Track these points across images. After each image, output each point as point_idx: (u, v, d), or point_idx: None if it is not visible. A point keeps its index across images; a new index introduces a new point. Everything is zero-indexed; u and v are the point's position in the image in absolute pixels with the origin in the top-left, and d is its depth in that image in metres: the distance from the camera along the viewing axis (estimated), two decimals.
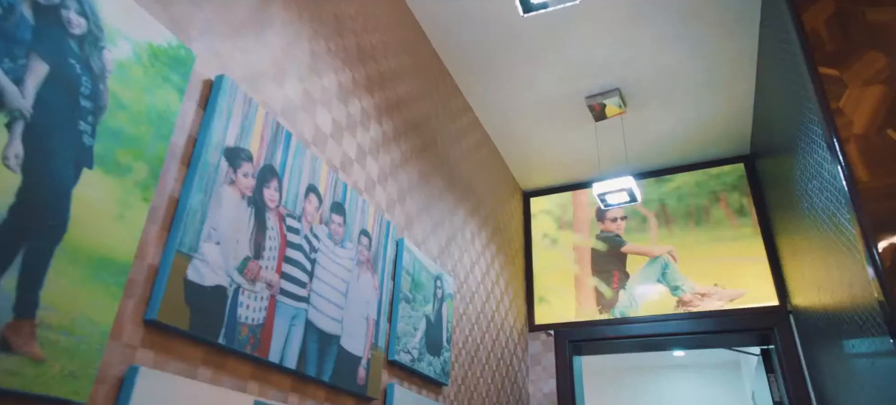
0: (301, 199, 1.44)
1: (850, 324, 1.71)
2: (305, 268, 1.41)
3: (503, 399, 2.74)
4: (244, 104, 1.28)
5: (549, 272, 3.37)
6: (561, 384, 3.06)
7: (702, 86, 2.71)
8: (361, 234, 1.70)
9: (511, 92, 2.82)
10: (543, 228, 3.52)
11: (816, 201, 1.82)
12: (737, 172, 3.12)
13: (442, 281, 2.20)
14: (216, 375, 1.12)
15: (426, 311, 2.02)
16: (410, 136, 2.22)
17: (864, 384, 1.67)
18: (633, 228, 3.25)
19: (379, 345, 1.68)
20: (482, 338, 2.59)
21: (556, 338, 3.18)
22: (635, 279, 3.11)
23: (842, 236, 1.59)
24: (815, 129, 1.66)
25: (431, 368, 1.99)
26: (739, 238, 2.96)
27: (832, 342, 2.01)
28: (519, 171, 3.49)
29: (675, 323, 2.91)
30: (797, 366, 2.58)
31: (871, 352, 1.50)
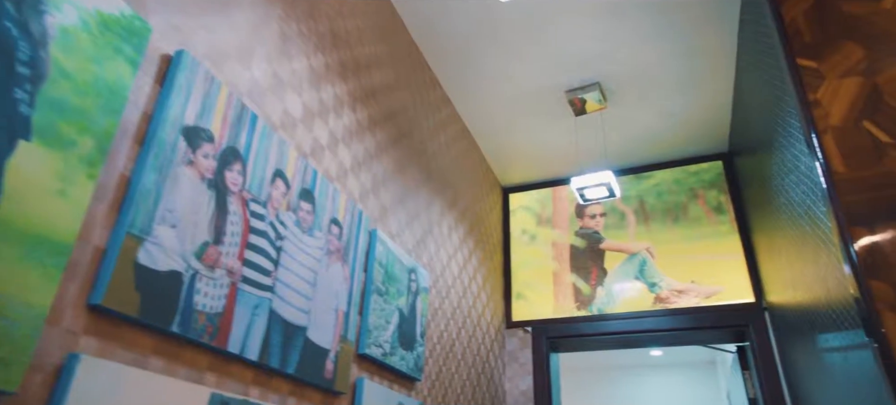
0: (267, 184, 1.39)
1: (824, 319, 1.70)
2: (270, 256, 1.35)
3: (479, 395, 2.70)
4: (206, 82, 1.22)
5: (527, 268, 3.34)
6: (538, 381, 3.03)
7: (682, 81, 2.70)
8: (332, 223, 1.64)
9: (491, 85, 2.78)
10: (522, 224, 3.49)
11: (793, 195, 1.81)
12: (715, 170, 3.13)
13: (417, 274, 2.15)
14: (169, 365, 1.06)
15: (399, 304, 1.97)
16: (386, 125, 2.16)
17: (836, 377, 1.66)
18: (611, 225, 3.24)
19: (349, 337, 1.63)
20: (458, 334, 2.55)
21: (534, 334, 3.15)
22: (613, 276, 3.10)
23: (818, 230, 1.58)
24: (793, 123, 1.65)
25: (404, 363, 1.94)
26: (717, 235, 2.96)
27: (806, 338, 2.01)
28: (498, 167, 3.46)
29: (652, 319, 2.90)
30: (771, 363, 2.59)
31: (845, 345, 1.49)
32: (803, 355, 2.10)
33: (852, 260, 1.30)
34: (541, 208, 3.48)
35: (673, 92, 2.77)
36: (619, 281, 3.07)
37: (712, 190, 3.08)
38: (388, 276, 1.93)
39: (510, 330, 3.24)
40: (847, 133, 1.41)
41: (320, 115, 1.71)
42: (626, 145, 3.18)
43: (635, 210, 3.22)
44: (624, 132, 3.08)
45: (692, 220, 3.05)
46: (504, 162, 3.40)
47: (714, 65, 2.58)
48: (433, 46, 2.56)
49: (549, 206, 3.47)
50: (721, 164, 3.13)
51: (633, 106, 2.87)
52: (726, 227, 2.96)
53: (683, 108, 2.88)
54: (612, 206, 3.29)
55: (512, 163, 3.40)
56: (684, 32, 2.41)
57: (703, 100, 2.81)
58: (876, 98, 1.41)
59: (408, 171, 2.29)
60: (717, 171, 3.12)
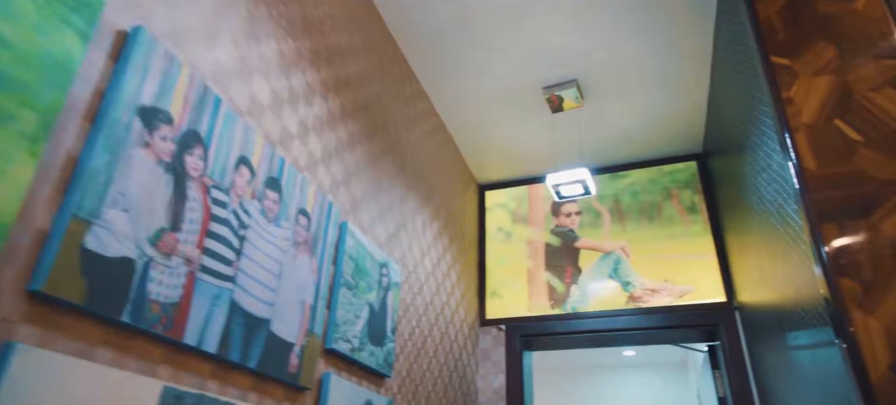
0: (230, 170, 1.33)
1: (793, 318, 1.71)
2: (232, 245, 1.30)
3: (451, 393, 2.67)
4: (165, 61, 1.16)
5: (502, 266, 3.32)
6: (510, 379, 3.02)
7: (659, 81, 2.71)
8: (300, 214, 1.59)
9: (468, 80, 2.75)
10: (498, 222, 3.47)
11: (765, 194, 1.82)
12: (689, 170, 3.15)
13: (388, 268, 2.11)
14: (119, 357, 1.00)
15: (369, 299, 1.93)
16: (359, 116, 2.12)
17: (804, 377, 1.67)
18: (586, 224, 3.24)
19: (315, 331, 1.58)
20: (430, 331, 2.52)
21: (507, 332, 3.13)
22: (588, 274, 3.10)
23: (788, 228, 1.58)
24: (766, 121, 1.66)
25: (373, 359, 1.89)
26: (690, 235, 2.98)
27: (775, 337, 2.02)
28: (475, 163, 3.43)
29: (625, 318, 2.91)
30: (741, 362, 2.61)
31: (813, 344, 1.50)
32: (772, 354, 2.12)
33: (822, 257, 1.30)
34: (516, 206, 3.47)
35: (650, 91, 2.77)
36: (593, 280, 3.07)
37: (686, 190, 3.10)
38: (359, 270, 1.89)
39: (484, 328, 3.22)
40: (818, 131, 1.41)
41: (290, 103, 1.66)
42: (602, 144, 3.18)
43: (611, 209, 3.22)
44: (601, 131, 3.08)
45: (666, 220, 3.07)
46: (480, 159, 3.37)
47: (690, 64, 2.59)
48: (410, 38, 2.52)
49: (524, 204, 3.45)
50: (695, 165, 3.15)
51: (610, 104, 2.87)
52: (699, 227, 2.98)
53: (660, 108, 2.89)
54: (587, 205, 3.29)
55: (488, 160, 3.38)
56: (662, 30, 2.41)
57: (679, 100, 2.82)
58: (847, 97, 1.42)
59: (381, 164, 2.25)
60: (691, 172, 3.14)
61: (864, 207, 1.31)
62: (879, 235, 1.27)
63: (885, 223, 1.28)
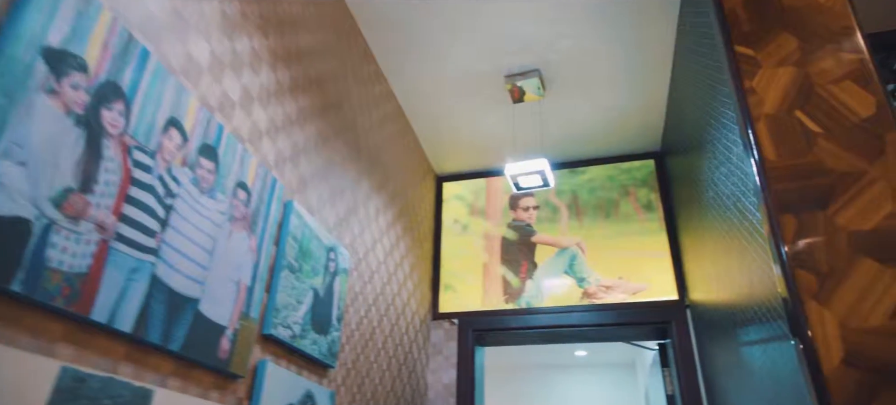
0: (157, 132, 1.20)
1: (746, 315, 1.70)
2: (156, 214, 1.17)
3: (399, 387, 2.57)
4: (80, 1, 1.03)
5: (457, 259, 3.25)
6: (462, 374, 2.95)
7: (621, 75, 2.69)
8: (238, 187, 1.47)
9: (429, 64, 2.66)
10: (455, 214, 3.40)
11: (723, 188, 1.81)
12: (647, 168, 3.16)
13: (336, 253, 2.00)
14: (7, 332, 0.86)
15: (314, 284, 1.82)
16: (312, 92, 2.00)
17: (755, 374, 1.66)
18: (544, 218, 3.20)
19: (252, 315, 1.46)
20: (379, 321, 2.41)
21: (460, 326, 3.06)
22: (543, 269, 3.06)
23: (746, 221, 1.56)
24: (727, 113, 1.64)
25: (316, 347, 1.78)
26: (645, 233, 2.98)
27: (725, 333, 2.02)
28: (433, 153, 3.34)
29: (578, 315, 2.88)
30: (690, 359, 2.62)
31: (765, 337, 1.48)
32: (722, 351, 2.12)
33: (779, 248, 1.27)
34: (474, 198, 3.40)
35: (612, 86, 2.75)
36: (548, 275, 3.04)
37: (643, 188, 3.11)
38: (303, 253, 1.77)
39: (436, 321, 3.13)
40: (780, 121, 1.39)
41: (233, 68, 1.53)
42: (562, 139, 3.15)
43: (568, 204, 3.20)
44: (561, 125, 3.04)
45: (623, 217, 3.06)
46: (439, 149, 3.29)
47: (652, 60, 2.58)
48: (369, 16, 2.41)
49: (482, 197, 3.39)
50: (653, 163, 3.16)
51: (571, 98, 2.84)
52: (655, 225, 2.99)
53: (621, 105, 2.87)
54: (545, 200, 3.26)
55: (447, 150, 3.30)
56: (627, 21, 2.39)
57: (640, 97, 2.81)
58: (807, 88, 1.40)
59: (334, 145, 2.13)
60: (648, 170, 3.15)
61: (822, 199, 1.29)
62: (836, 227, 1.25)
63: (842, 215, 1.26)
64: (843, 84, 1.38)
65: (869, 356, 1.13)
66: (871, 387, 1.11)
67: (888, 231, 1.21)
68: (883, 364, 1.12)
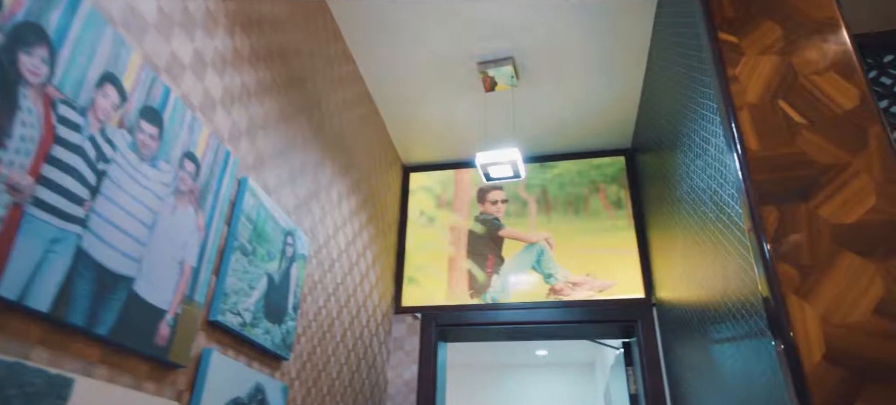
0: (90, 86, 1.06)
1: (718, 310, 1.66)
2: (85, 180, 1.03)
3: (357, 382, 2.46)
4: None
5: (422, 251, 3.15)
6: (423, 371, 2.85)
7: (596, 66, 2.64)
8: (186, 158, 1.33)
9: (399, 47, 2.55)
10: (421, 205, 3.30)
11: (698, 183, 1.76)
12: (617, 165, 3.13)
13: (294, 238, 1.87)
14: None
15: (269, 269, 1.69)
16: (273, 65, 1.86)
17: (725, 369, 1.62)
18: (512, 212, 3.14)
19: (196, 299, 1.32)
20: (339, 313, 2.29)
21: (423, 321, 2.96)
22: (510, 264, 2.99)
23: (722, 214, 1.52)
24: (706, 103, 1.59)
25: (269, 337, 1.65)
26: (614, 230, 2.95)
27: (694, 332, 1.99)
28: (400, 142, 3.23)
29: (544, 311, 2.83)
30: (655, 358, 2.59)
31: (740, 334, 1.44)
32: (690, 351, 2.09)
33: (760, 240, 1.22)
34: (442, 190, 3.31)
35: (586, 78, 2.70)
36: (515, 270, 2.97)
37: (613, 185, 3.08)
38: (258, 235, 1.64)
39: (399, 315, 3.03)
40: (762, 111, 1.35)
41: (183, 27, 1.39)
42: (534, 131, 3.09)
43: (537, 199, 3.14)
44: (533, 117, 2.98)
45: (592, 213, 3.02)
46: (407, 137, 3.18)
47: (628, 52, 2.54)
48: None
49: (450, 189, 3.30)
50: (623, 160, 3.13)
51: (544, 88, 2.77)
52: (624, 222, 2.96)
53: (594, 98, 2.83)
54: (514, 194, 3.19)
55: (415, 139, 3.19)
56: (605, 10, 2.33)
57: (614, 91, 2.77)
58: (791, 78, 1.36)
59: (295, 123, 2.00)
60: (618, 167, 3.12)
61: (805, 191, 1.24)
62: (818, 220, 1.21)
63: (824, 208, 1.22)
64: (826, 75, 1.34)
65: (851, 353, 1.09)
66: (853, 385, 1.07)
67: (871, 225, 1.18)
68: (865, 361, 1.07)
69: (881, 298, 1.11)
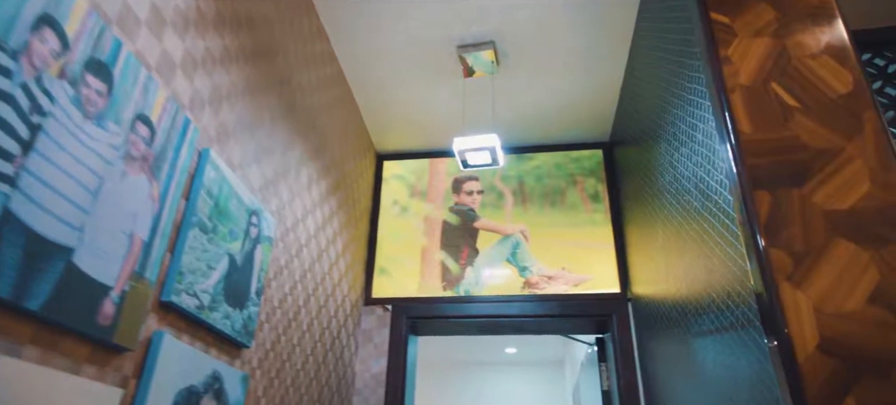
0: (24, 26, 0.93)
1: (701, 303, 1.61)
2: (15, 133, 0.90)
3: (323, 374, 2.34)
4: None
5: (394, 241, 3.05)
6: (392, 364, 2.75)
7: (577, 55, 2.58)
8: (138, 121, 1.21)
9: (376, 27, 2.45)
10: (395, 195, 3.20)
11: (682, 171, 1.72)
12: (595, 158, 3.09)
13: (260, 218, 1.75)
14: None
15: (231, 250, 1.57)
16: (241, 33, 1.74)
17: (706, 363, 1.57)
18: (488, 204, 3.06)
19: (147, 276, 1.20)
20: (306, 302, 2.18)
21: (394, 313, 2.87)
22: (485, 256, 2.92)
23: (708, 201, 1.47)
24: (695, 88, 1.54)
25: (228, 323, 1.53)
26: (591, 223, 2.90)
27: (673, 326, 1.95)
28: (375, 129, 3.12)
29: (518, 304, 2.76)
30: (630, 354, 2.55)
31: (724, 326, 1.39)
32: (668, 346, 2.05)
33: (752, 226, 1.17)
34: (416, 179, 3.21)
35: (567, 67, 2.64)
36: (490, 262, 2.90)
37: (591, 178, 3.03)
38: (220, 212, 1.52)
39: (368, 306, 2.92)
40: (755, 93, 1.30)
41: None
42: (512, 122, 3.02)
43: (514, 190, 3.08)
44: (512, 106, 2.91)
45: (569, 207, 2.97)
46: (382, 124, 3.08)
47: (611, 40, 2.49)
48: None
49: (424, 179, 3.21)
50: (601, 154, 3.09)
51: (525, 76, 2.71)
52: (601, 217, 2.91)
53: (575, 88, 2.78)
54: (490, 185, 3.12)
55: (390, 126, 3.09)
56: None
57: (595, 81, 2.73)
58: (784, 61, 1.32)
59: (263, 97, 1.88)
60: (596, 160, 3.08)
61: (798, 176, 1.20)
62: (812, 206, 1.16)
63: (818, 193, 1.17)
64: (820, 59, 1.30)
65: (846, 343, 1.04)
66: (847, 377, 1.02)
67: (865, 211, 1.14)
68: (860, 352, 1.03)
69: (876, 287, 1.07)
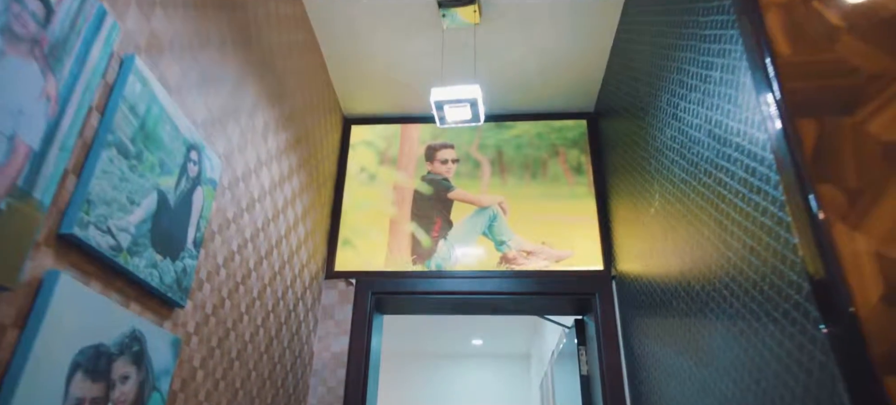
0: None
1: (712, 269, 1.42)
2: None
3: (276, 350, 2.08)
4: None
5: (360, 211, 2.80)
6: (355, 344, 2.50)
7: (565, 10, 2.38)
8: None
9: None
10: (362, 161, 2.94)
11: (690, 119, 1.52)
12: (579, 129, 2.89)
13: (202, 156, 1.48)
14: None
15: (163, 186, 1.29)
16: None
17: (717, 361, 1.38)
18: (464, 173, 2.84)
19: (37, 197, 0.93)
20: (257, 265, 1.91)
21: (358, 287, 2.61)
22: (459, 229, 2.69)
23: (728, 146, 1.27)
24: (713, 19, 1.34)
25: (156, 273, 1.26)
26: (574, 197, 2.71)
27: (667, 304, 1.76)
28: (342, 87, 2.86)
29: (494, 281, 2.55)
30: (613, 334, 2.37)
31: (741, 295, 1.20)
32: (658, 327, 1.86)
33: (795, 158, 0.97)
34: (386, 146, 2.96)
35: (554, 23, 2.43)
36: (464, 235, 2.67)
37: (574, 149, 2.84)
38: (147, 137, 1.24)
39: (330, 280, 2.66)
40: (794, 12, 1.10)
41: None
42: (492, 86, 2.80)
43: (492, 160, 2.86)
44: (492, 68, 2.69)
45: (551, 179, 2.77)
46: (350, 81, 2.81)
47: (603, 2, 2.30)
48: None
49: (395, 145, 2.96)
50: (585, 124, 2.90)
51: (508, 32, 2.48)
52: (584, 190, 2.72)
53: (560, 48, 2.57)
54: (466, 154, 2.89)
55: (359, 84, 2.83)
56: None
57: (582, 42, 2.53)
58: None
59: (212, 17, 1.60)
60: (580, 131, 2.89)
61: (848, 102, 1.01)
62: (867, 136, 0.97)
63: (873, 122, 0.98)
64: None
65: None
66: None
67: None
68: None
69: None
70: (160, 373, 1.28)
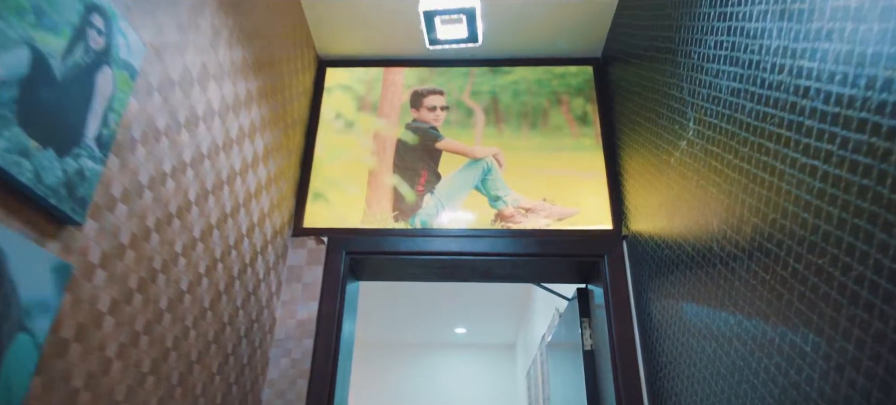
0: None
1: (758, 225, 1.10)
2: None
3: (225, 310, 1.71)
4: None
5: (335, 160, 2.44)
6: (324, 311, 2.14)
7: None
8: None
9: None
10: (338, 107, 2.58)
11: (727, 72, 1.19)
12: (584, 76, 2.57)
13: (111, 26, 1.11)
14: None
15: (41, 45, 0.93)
16: None
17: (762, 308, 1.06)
18: (454, 122, 2.49)
19: None
20: (201, 200, 1.54)
21: (330, 246, 2.25)
22: (448, 183, 2.35)
23: (798, 77, 0.94)
24: None
25: (29, 167, 0.90)
26: (579, 148, 2.38)
27: (695, 268, 1.44)
28: (317, 23, 2.49)
29: (488, 241, 2.21)
30: (625, 302, 2.05)
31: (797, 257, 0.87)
32: (681, 295, 1.54)
33: None
34: (366, 91, 2.60)
35: None
36: (454, 190, 2.33)
37: (578, 97, 2.51)
38: None
39: (298, 237, 2.30)
40: None
41: None
42: (489, 22, 2.45)
43: (486, 108, 2.52)
44: (490, 6, 2.34)
45: (553, 129, 2.44)
46: (326, 17, 2.44)
47: None
48: None
49: (376, 90, 2.60)
50: (591, 70, 2.58)
51: None
52: (590, 141, 2.40)
53: None
54: (457, 101, 2.54)
55: (337, 22, 2.46)
56: None
57: None
58: None
59: None
60: (585, 78, 2.56)
61: None
62: None
63: None
64: None
65: None
66: None
67: None
68: None
69: None
70: (32, 306, 0.91)
